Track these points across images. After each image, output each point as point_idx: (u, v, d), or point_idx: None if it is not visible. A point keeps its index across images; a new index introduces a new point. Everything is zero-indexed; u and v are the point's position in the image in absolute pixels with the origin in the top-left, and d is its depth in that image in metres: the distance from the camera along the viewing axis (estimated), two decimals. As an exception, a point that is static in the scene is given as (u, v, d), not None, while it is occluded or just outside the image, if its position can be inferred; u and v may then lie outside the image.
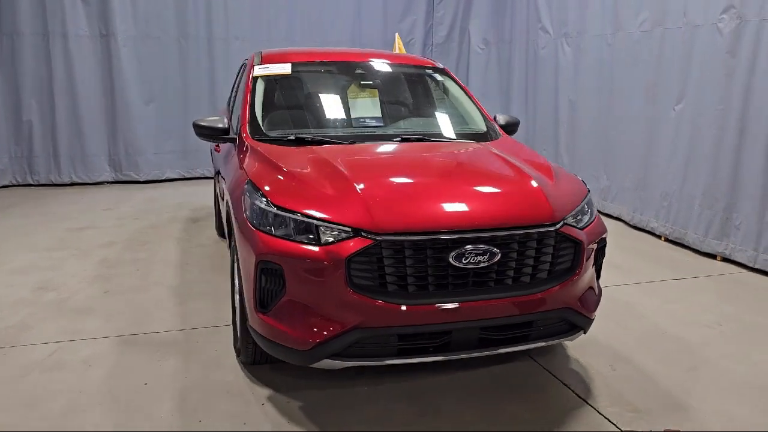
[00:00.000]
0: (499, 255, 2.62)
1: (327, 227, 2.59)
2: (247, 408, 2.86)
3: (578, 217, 2.89)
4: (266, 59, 4.18)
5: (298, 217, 2.64)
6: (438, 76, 4.39)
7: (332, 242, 2.56)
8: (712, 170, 5.29)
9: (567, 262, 2.80)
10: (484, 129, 3.94)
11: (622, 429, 2.74)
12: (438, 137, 3.74)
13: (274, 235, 2.66)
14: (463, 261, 2.57)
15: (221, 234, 5.72)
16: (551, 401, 2.99)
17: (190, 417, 2.78)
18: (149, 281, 4.57)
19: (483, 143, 3.66)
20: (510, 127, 4.13)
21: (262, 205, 2.75)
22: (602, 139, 6.80)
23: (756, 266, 4.93)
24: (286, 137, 3.53)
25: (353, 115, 4.00)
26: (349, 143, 3.46)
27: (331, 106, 4.02)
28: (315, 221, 2.61)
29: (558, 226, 2.74)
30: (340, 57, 4.36)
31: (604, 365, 3.33)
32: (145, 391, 3.00)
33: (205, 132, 3.74)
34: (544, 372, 3.25)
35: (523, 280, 2.71)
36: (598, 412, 2.88)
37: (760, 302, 4.35)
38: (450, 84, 4.35)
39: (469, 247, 2.57)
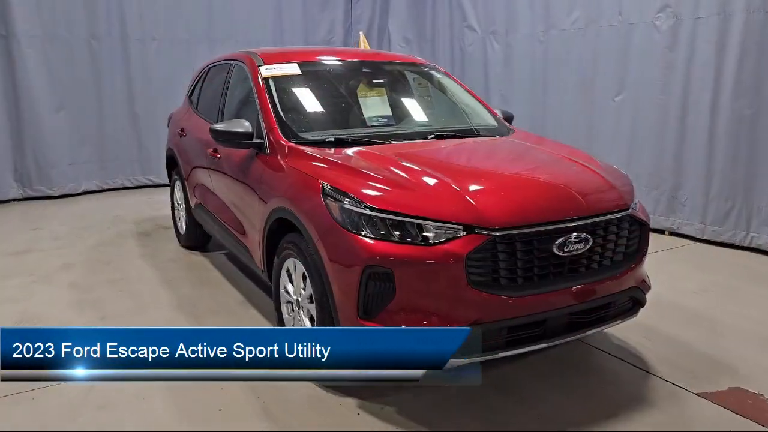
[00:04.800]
0: (591, 241, 2.77)
1: (436, 226, 2.58)
2: (344, 419, 2.78)
3: (635, 202, 3.12)
4: (267, 59, 4.01)
5: (403, 218, 2.61)
6: (436, 74, 4.47)
7: (445, 241, 2.56)
8: (657, 153, 5.85)
9: (635, 244, 3.02)
10: (496, 124, 4.08)
11: (695, 392, 3.02)
12: (465, 133, 3.81)
13: (380, 239, 2.60)
14: (565, 250, 2.69)
15: (188, 245, 5.40)
16: (618, 375, 3.21)
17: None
18: (143, 303, 4.21)
19: (513, 137, 3.81)
20: (509, 121, 4.31)
21: (358, 209, 2.68)
22: (538, 129, 7.22)
23: (705, 237, 5.56)
24: (324, 139, 3.44)
25: (366, 114, 3.97)
26: (389, 142, 3.45)
27: (349, 105, 3.96)
28: (423, 221, 2.59)
29: (630, 210, 2.95)
30: (343, 56, 4.30)
31: (639, 338, 3.61)
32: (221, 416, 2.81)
33: (228, 137, 3.53)
34: (595, 350, 3.46)
35: (606, 263, 2.88)
36: (664, 379, 3.14)
37: (724, 267, 4.93)
38: (448, 81, 4.44)
39: (572, 235, 2.69)
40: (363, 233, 2.64)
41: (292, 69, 3.95)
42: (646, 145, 5.94)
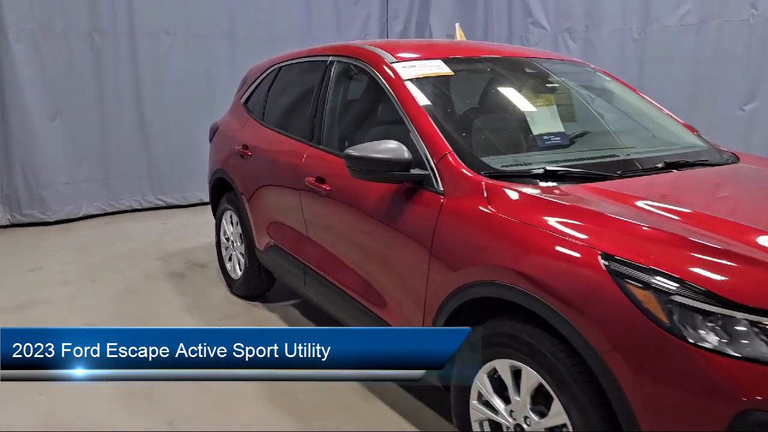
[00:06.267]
0: None
1: None
2: None
3: None
4: (398, 54, 2.86)
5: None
6: (603, 78, 3.39)
7: None
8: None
9: None
10: (704, 144, 3.02)
11: None
12: (692, 158, 2.72)
13: (758, 361, 1.49)
14: None
15: (244, 294, 4.19)
16: None
17: None
18: (217, 392, 3.00)
19: (754, 164, 2.75)
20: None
21: (706, 304, 1.55)
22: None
23: None
24: (530, 171, 2.31)
25: (535, 131, 2.87)
26: (617, 175, 2.34)
27: (516, 119, 2.85)
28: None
29: None
30: (495, 52, 3.18)
31: None
32: None
33: (373, 167, 2.37)
34: None
35: None
36: None
37: None
38: (617, 87, 3.37)
39: None
40: (721, 349, 1.52)
41: (440, 68, 2.80)
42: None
